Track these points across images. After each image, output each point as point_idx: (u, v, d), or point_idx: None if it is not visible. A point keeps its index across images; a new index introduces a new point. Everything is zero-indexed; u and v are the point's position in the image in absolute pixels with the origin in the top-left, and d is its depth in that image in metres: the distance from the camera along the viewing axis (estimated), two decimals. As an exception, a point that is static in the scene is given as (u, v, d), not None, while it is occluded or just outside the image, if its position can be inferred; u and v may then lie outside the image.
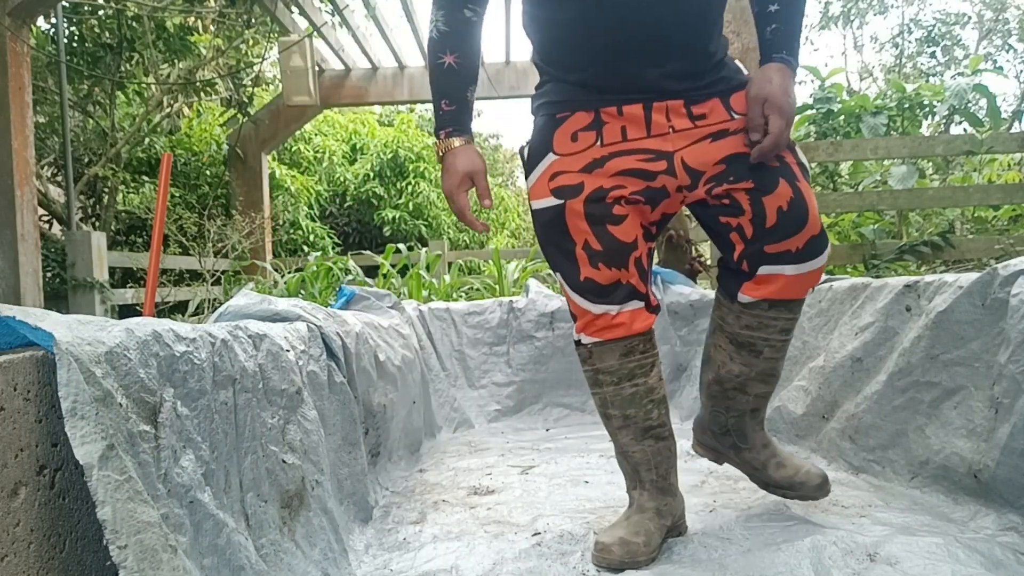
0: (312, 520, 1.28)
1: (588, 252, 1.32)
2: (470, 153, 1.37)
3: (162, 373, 0.90)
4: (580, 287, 1.34)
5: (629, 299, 1.34)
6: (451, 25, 1.35)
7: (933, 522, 1.43)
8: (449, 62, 1.35)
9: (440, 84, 1.37)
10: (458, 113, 1.37)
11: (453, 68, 1.35)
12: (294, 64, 5.75)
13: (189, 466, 0.91)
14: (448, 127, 1.37)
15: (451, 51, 1.35)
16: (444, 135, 1.37)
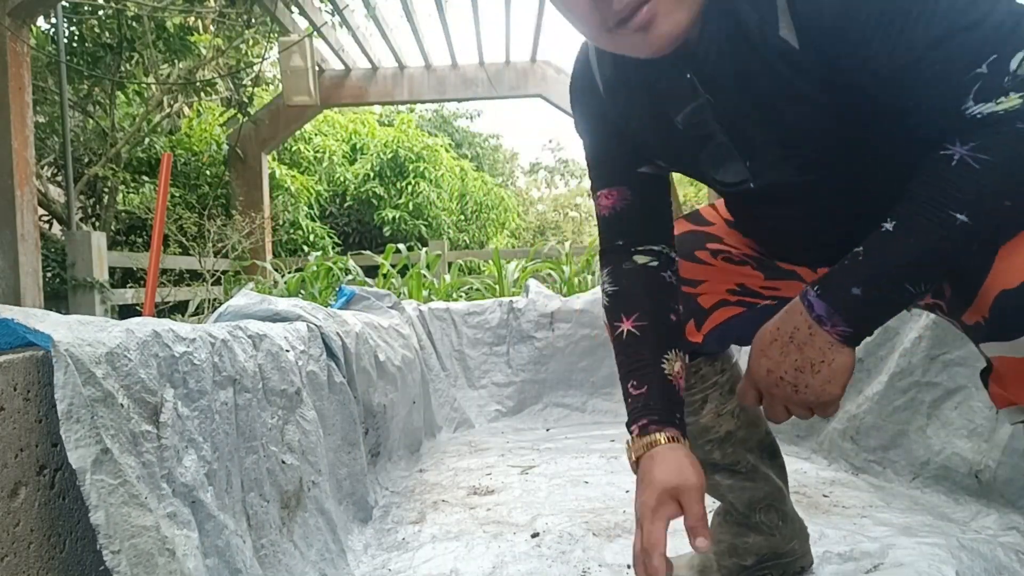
0: (308, 521, 1.28)
1: None
2: (678, 458, 0.89)
3: (162, 373, 0.90)
4: None
5: None
6: (619, 282, 1.01)
7: (934, 523, 1.43)
8: (627, 328, 0.98)
9: (623, 360, 0.99)
10: (653, 396, 0.94)
11: (634, 335, 0.97)
12: (294, 64, 5.75)
13: (192, 466, 0.91)
14: (641, 418, 0.93)
15: (627, 314, 0.99)
16: (637, 430, 0.93)
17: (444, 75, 6.85)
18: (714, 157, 0.89)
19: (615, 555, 1.38)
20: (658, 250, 1.01)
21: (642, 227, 1.01)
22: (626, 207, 1.01)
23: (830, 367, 0.79)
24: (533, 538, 1.49)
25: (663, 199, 1.03)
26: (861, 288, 0.76)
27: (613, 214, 1.01)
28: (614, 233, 1.02)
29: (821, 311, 0.78)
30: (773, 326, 0.83)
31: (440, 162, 10.09)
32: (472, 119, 14.74)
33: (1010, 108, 0.67)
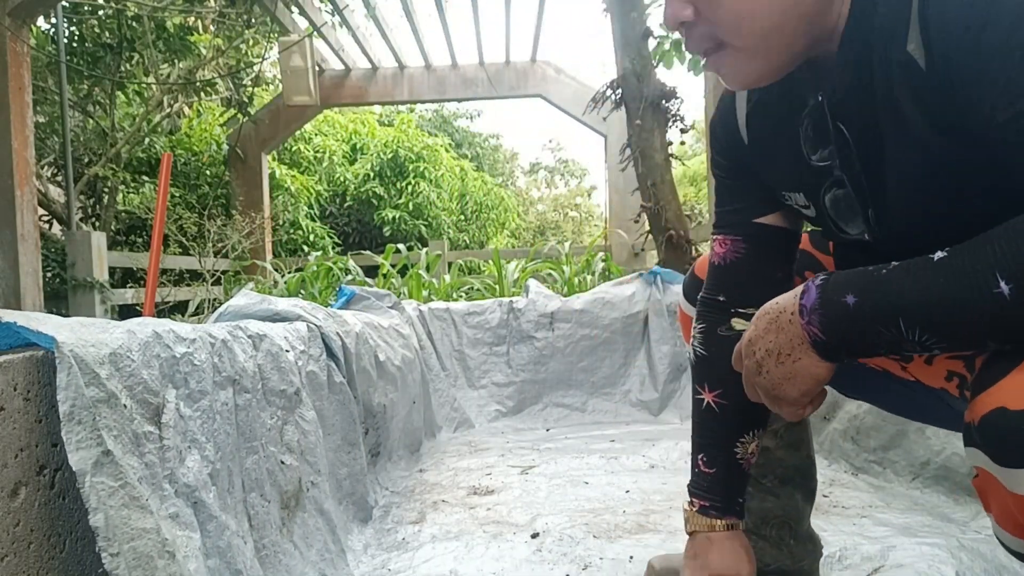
0: (308, 521, 1.28)
1: None
2: (734, 548, 0.91)
3: (164, 374, 0.90)
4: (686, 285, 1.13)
5: None
6: (710, 348, 0.95)
7: (934, 523, 1.43)
8: (709, 400, 0.95)
9: (699, 429, 0.96)
10: (720, 480, 0.93)
11: (713, 410, 0.94)
12: (294, 64, 5.75)
13: (194, 466, 0.91)
14: (704, 499, 0.93)
15: (711, 387, 0.94)
16: (698, 507, 0.94)
17: (444, 75, 6.85)
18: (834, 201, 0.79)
19: (615, 555, 1.39)
20: None
21: (748, 287, 0.93)
22: (737, 260, 0.94)
23: (793, 364, 0.71)
24: (533, 538, 1.49)
25: (780, 259, 0.94)
26: (856, 299, 0.66)
27: (723, 265, 0.95)
28: (718, 286, 0.96)
29: (808, 302, 0.70)
30: (774, 305, 0.74)
31: (440, 162, 10.09)
32: (472, 119, 14.74)
33: None
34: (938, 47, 0.63)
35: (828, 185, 0.79)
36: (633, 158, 3.73)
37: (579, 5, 31.35)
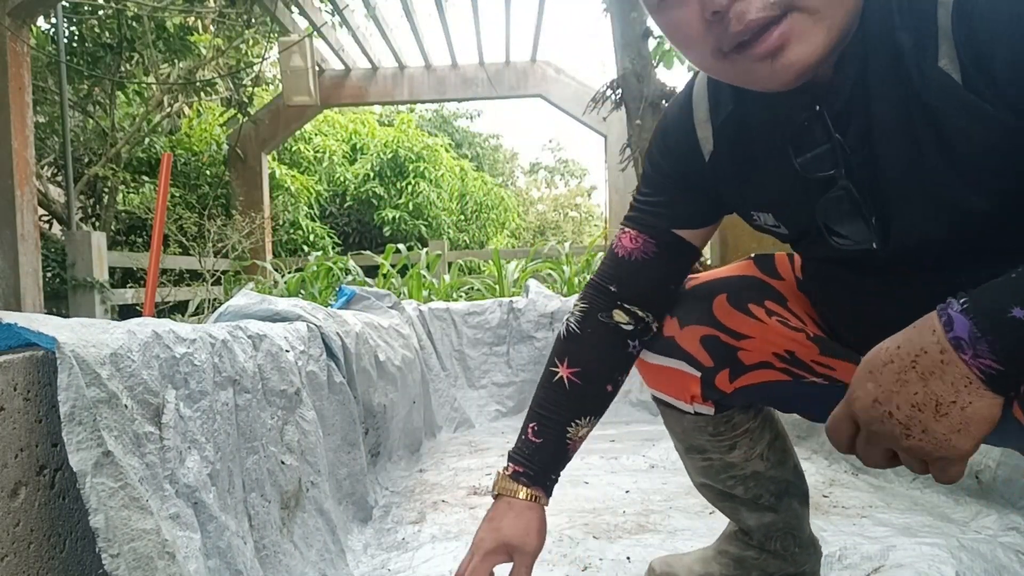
0: (308, 521, 1.28)
1: None
2: (528, 520, 0.92)
3: (164, 375, 0.90)
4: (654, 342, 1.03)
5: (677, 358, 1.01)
6: (584, 328, 0.97)
7: (934, 523, 1.43)
8: (562, 375, 0.96)
9: (538, 401, 0.97)
10: (542, 452, 0.95)
11: (563, 386, 0.96)
12: (294, 64, 5.75)
13: (195, 467, 0.91)
14: (520, 464, 0.95)
15: (570, 363, 0.96)
16: (510, 471, 0.96)
17: (444, 75, 6.85)
18: (832, 209, 0.75)
19: (616, 555, 1.39)
20: (641, 316, 0.97)
21: (642, 288, 0.96)
22: (641, 260, 0.95)
23: (962, 412, 0.57)
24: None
25: (682, 272, 0.98)
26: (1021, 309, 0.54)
27: (627, 259, 0.96)
28: (614, 277, 0.97)
29: (963, 332, 0.56)
30: (893, 343, 0.61)
31: (440, 162, 10.09)
32: (472, 119, 14.74)
33: None
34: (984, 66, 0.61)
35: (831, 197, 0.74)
36: (633, 158, 3.73)
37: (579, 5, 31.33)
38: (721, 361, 0.96)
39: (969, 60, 0.62)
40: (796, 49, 0.63)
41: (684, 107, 0.90)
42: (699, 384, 0.98)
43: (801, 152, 0.74)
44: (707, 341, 0.95)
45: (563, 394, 0.96)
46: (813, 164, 0.73)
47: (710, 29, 0.65)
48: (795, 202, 0.80)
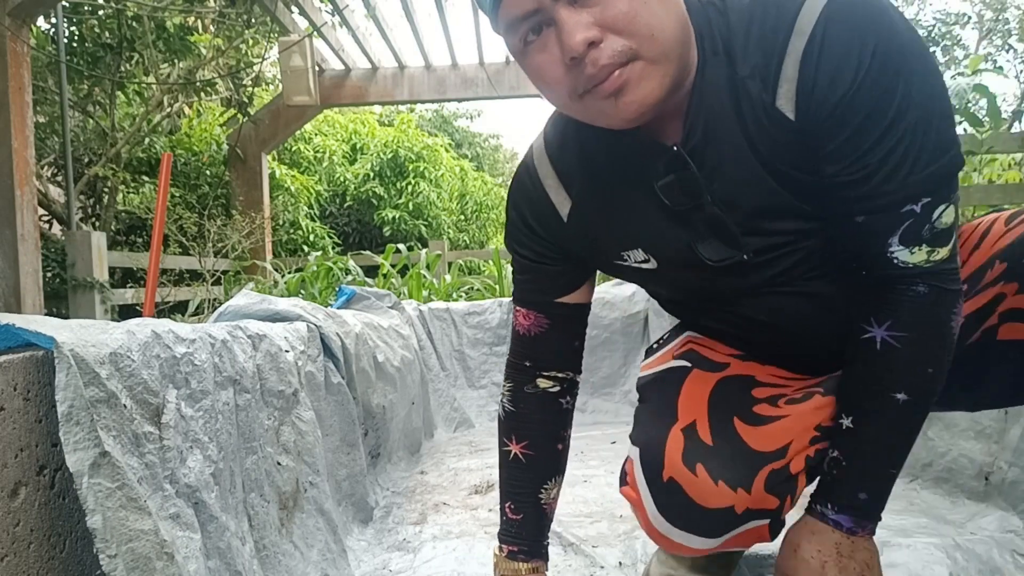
0: (307, 521, 1.28)
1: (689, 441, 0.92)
2: None
3: (164, 374, 0.90)
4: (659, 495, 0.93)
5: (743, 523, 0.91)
6: (517, 404, 1.03)
7: (931, 524, 1.43)
8: (515, 452, 1.02)
9: (505, 479, 1.04)
10: (526, 525, 1.01)
11: (520, 461, 1.02)
12: (294, 64, 5.75)
13: (196, 466, 0.91)
14: (512, 544, 1.01)
15: (518, 439, 1.02)
16: (506, 552, 1.02)
17: (444, 75, 6.85)
18: (700, 231, 0.85)
19: (617, 557, 1.39)
20: (562, 376, 1.03)
21: (552, 356, 1.03)
22: (540, 334, 1.01)
23: (875, 558, 0.86)
24: None
25: (578, 330, 1.04)
26: (865, 491, 0.84)
27: (527, 336, 1.02)
28: (524, 354, 1.03)
29: (849, 524, 0.84)
30: (812, 554, 0.84)
31: (440, 162, 10.09)
32: (472, 119, 14.74)
33: (917, 263, 0.76)
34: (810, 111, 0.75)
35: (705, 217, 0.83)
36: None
37: (579, 5, 31.04)
38: (782, 490, 0.90)
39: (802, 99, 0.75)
40: (635, 90, 0.73)
41: (532, 181, 0.96)
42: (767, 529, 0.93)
43: (667, 190, 0.83)
44: (770, 481, 0.88)
45: (522, 468, 1.02)
46: (679, 198, 0.83)
47: (568, 72, 0.73)
48: (662, 233, 0.87)
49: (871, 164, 0.73)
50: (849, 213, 0.77)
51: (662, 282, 0.97)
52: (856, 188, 0.75)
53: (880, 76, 0.71)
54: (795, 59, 0.74)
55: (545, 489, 1.02)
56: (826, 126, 0.74)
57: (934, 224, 0.75)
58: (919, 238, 0.75)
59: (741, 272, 0.87)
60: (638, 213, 0.88)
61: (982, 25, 15.49)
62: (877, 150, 0.73)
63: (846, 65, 0.72)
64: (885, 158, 0.73)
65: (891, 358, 0.79)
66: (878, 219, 0.76)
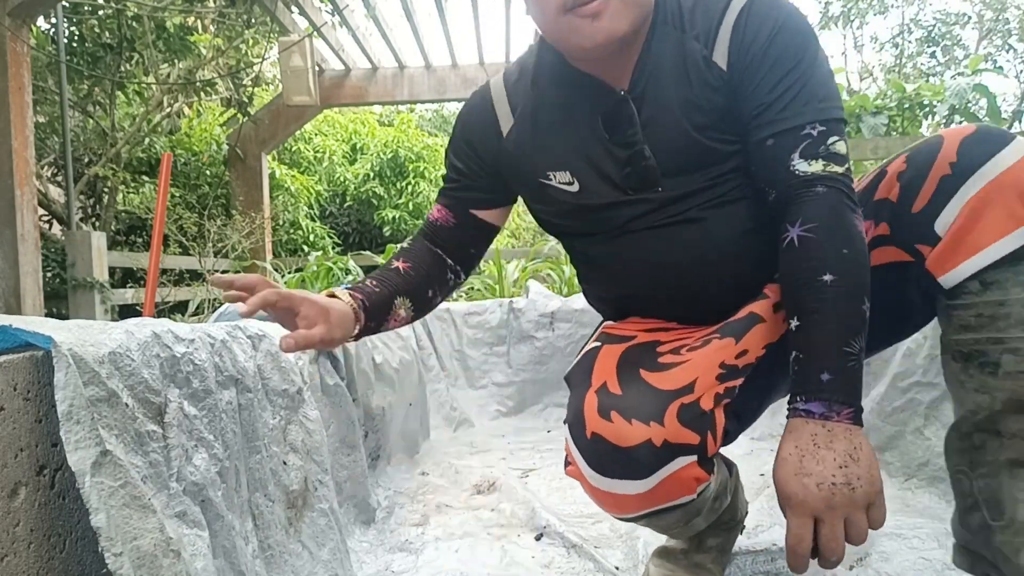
0: (318, 520, 1.28)
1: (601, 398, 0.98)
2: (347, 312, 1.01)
3: (165, 374, 0.90)
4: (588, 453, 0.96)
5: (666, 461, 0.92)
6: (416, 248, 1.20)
7: (925, 523, 1.43)
8: (400, 267, 1.15)
9: (379, 274, 1.14)
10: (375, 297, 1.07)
11: (399, 271, 1.14)
12: (294, 64, 5.75)
13: (202, 465, 0.91)
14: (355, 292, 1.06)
15: (406, 261, 1.16)
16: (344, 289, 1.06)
17: (444, 75, 6.84)
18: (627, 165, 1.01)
19: (619, 559, 1.39)
20: (454, 266, 1.21)
21: (451, 246, 1.20)
22: (446, 226, 1.19)
23: (864, 450, 0.83)
24: (537, 540, 1.48)
25: (477, 244, 1.22)
26: (826, 372, 0.85)
27: (435, 223, 1.20)
28: (429, 235, 1.21)
29: (821, 409, 0.84)
30: (790, 451, 0.85)
31: (440, 162, 10.08)
32: (472, 119, 14.70)
33: (815, 172, 0.91)
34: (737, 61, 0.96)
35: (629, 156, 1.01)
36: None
37: (579, 5, 31.06)
38: (699, 425, 0.93)
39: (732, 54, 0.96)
40: (609, 20, 0.92)
41: (484, 98, 1.14)
42: (697, 465, 0.94)
43: (609, 125, 1.01)
44: (682, 415, 0.92)
45: (399, 276, 1.14)
46: (618, 133, 1.01)
47: None
48: (592, 162, 1.03)
49: (779, 93, 0.93)
50: (763, 139, 0.94)
51: (575, 209, 1.08)
52: (768, 114, 0.94)
53: (786, 37, 0.94)
54: (728, 25, 0.96)
55: (401, 299, 1.12)
56: (748, 70, 0.95)
57: (828, 147, 0.92)
58: (816, 154, 0.92)
59: (652, 204, 1.02)
60: (575, 140, 1.04)
61: (982, 25, 15.48)
62: (783, 83, 0.93)
63: (764, 28, 0.95)
64: (789, 89, 0.93)
65: (808, 248, 0.89)
66: (783, 138, 0.93)
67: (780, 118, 0.93)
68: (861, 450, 0.83)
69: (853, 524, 0.82)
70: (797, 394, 0.87)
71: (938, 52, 14.03)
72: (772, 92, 0.94)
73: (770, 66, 0.94)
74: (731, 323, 1.01)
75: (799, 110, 0.92)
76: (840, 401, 0.84)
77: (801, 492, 0.82)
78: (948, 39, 14.22)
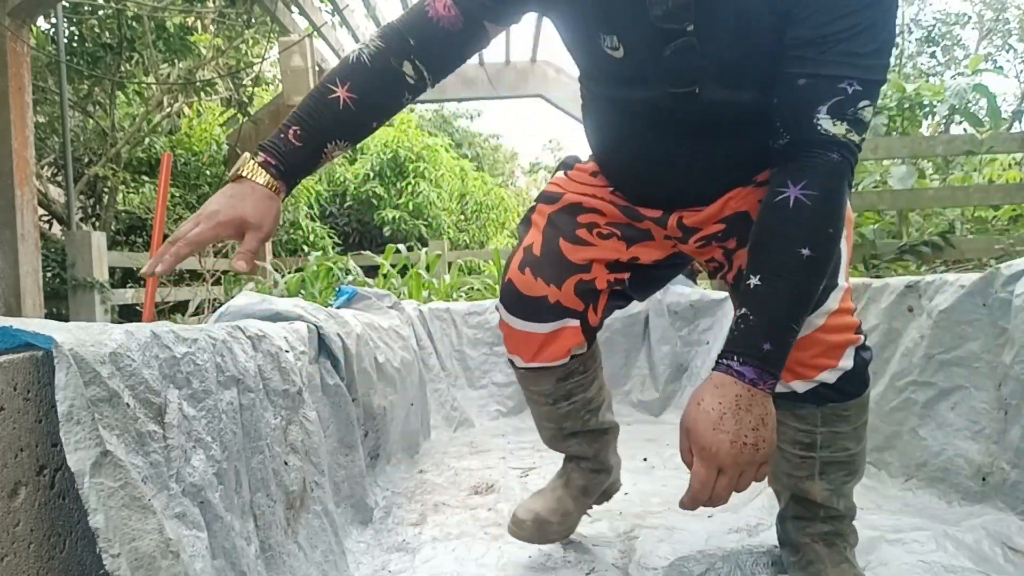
0: (312, 522, 1.28)
1: (525, 254, 1.19)
2: (269, 205, 0.96)
3: (165, 374, 0.90)
4: (503, 294, 1.20)
5: (559, 317, 1.17)
6: (375, 62, 1.02)
7: (924, 523, 1.43)
8: (341, 96, 0.99)
9: (306, 110, 1.00)
10: (298, 155, 0.98)
11: (337, 104, 0.99)
12: (294, 64, 5.75)
13: (200, 466, 0.91)
14: (275, 158, 0.98)
15: (351, 88, 0.99)
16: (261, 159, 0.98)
17: (444, 75, 6.84)
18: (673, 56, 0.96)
19: (618, 557, 1.39)
20: (424, 75, 1.04)
21: (437, 51, 1.04)
22: (447, 30, 1.02)
23: (771, 417, 0.92)
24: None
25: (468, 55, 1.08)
26: (770, 342, 0.90)
27: (434, 22, 1.02)
28: (417, 33, 1.02)
29: (752, 375, 0.90)
30: (712, 405, 0.90)
31: (440, 162, 10.09)
32: (472, 119, 14.74)
33: (836, 134, 0.89)
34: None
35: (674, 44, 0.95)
36: (633, 158, 3.72)
37: (579, 5, 31.05)
38: (586, 297, 1.16)
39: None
40: None
41: None
42: (580, 331, 1.17)
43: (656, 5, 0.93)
44: (577, 288, 1.15)
45: (335, 113, 0.99)
46: (667, 16, 0.93)
47: None
48: (642, 35, 0.97)
49: (830, 33, 0.86)
50: (796, 75, 0.89)
51: (615, 71, 1.04)
52: (811, 48, 0.88)
53: None
54: None
55: (335, 143, 1.01)
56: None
57: (857, 110, 0.89)
58: (843, 115, 0.88)
59: (683, 99, 0.99)
60: (631, 5, 0.95)
61: (982, 25, 15.48)
62: (838, 24, 0.86)
63: None
64: (841, 33, 0.86)
65: (802, 215, 0.90)
66: (817, 83, 0.88)
67: (821, 59, 0.87)
68: (770, 416, 0.92)
69: (745, 479, 0.93)
70: (734, 352, 0.91)
71: (938, 52, 14.02)
72: (824, 27, 0.86)
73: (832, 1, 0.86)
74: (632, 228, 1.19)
75: (844, 59, 0.86)
76: (770, 372, 0.90)
77: (715, 445, 0.90)
78: (948, 39, 14.21)
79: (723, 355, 0.92)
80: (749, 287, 0.92)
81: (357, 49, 1.03)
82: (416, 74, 1.03)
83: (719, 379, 0.91)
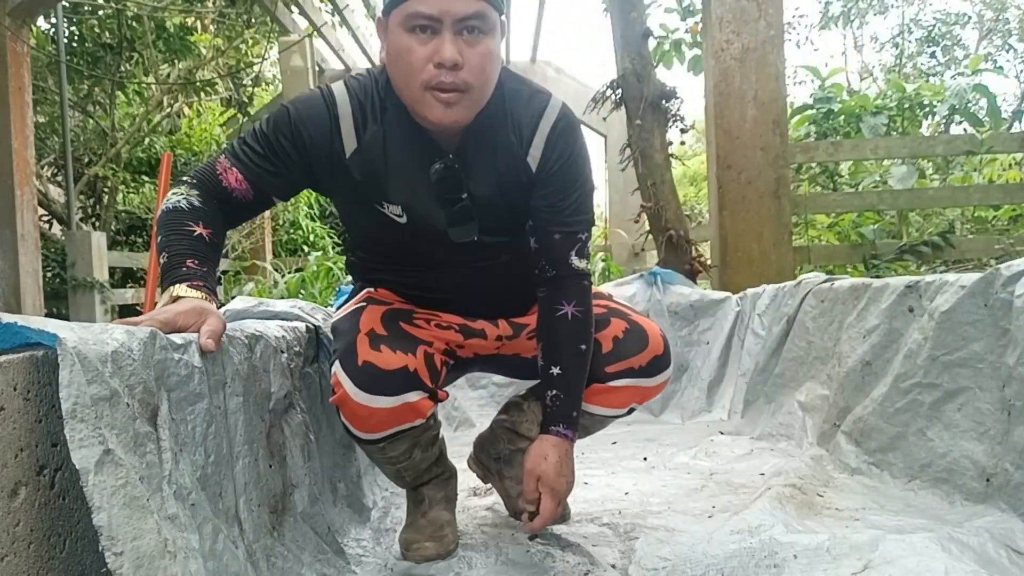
0: (297, 525, 1.28)
1: (371, 338, 1.25)
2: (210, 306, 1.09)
3: (159, 376, 0.90)
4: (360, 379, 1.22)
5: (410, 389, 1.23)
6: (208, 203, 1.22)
7: (927, 524, 1.42)
8: (202, 233, 1.18)
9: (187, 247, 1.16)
10: (208, 276, 1.15)
11: (204, 239, 1.18)
12: (294, 64, 5.75)
13: (188, 469, 0.91)
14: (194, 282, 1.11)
15: (205, 225, 1.19)
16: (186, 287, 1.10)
17: (444, 75, 6.84)
18: (455, 216, 1.26)
19: (617, 558, 1.39)
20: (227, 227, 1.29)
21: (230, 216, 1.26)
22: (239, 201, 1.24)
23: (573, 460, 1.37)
24: (531, 540, 1.48)
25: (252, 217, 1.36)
26: (575, 410, 1.35)
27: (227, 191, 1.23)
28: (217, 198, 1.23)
29: (570, 433, 1.34)
30: (554, 458, 1.31)
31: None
32: (472, 119, 14.69)
33: (582, 268, 1.33)
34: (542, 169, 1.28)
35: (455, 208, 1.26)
36: (633, 158, 3.73)
37: (579, 5, 31.26)
38: (432, 372, 1.29)
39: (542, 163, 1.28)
40: (459, 110, 1.16)
41: (327, 115, 1.22)
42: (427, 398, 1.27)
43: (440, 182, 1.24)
44: (425, 358, 1.28)
45: (206, 245, 1.19)
46: (447, 188, 1.25)
47: (429, 69, 1.12)
48: (423, 204, 1.27)
49: (567, 204, 1.30)
50: (552, 231, 1.30)
51: (396, 234, 1.32)
52: (556, 217, 1.30)
53: (579, 161, 1.31)
54: (543, 135, 1.27)
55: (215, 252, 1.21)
56: (551, 177, 1.28)
57: (586, 249, 1.34)
58: (584, 254, 1.33)
59: (465, 248, 1.30)
60: (410, 183, 1.25)
61: (982, 25, 15.47)
62: (572, 196, 1.30)
63: (567, 150, 1.28)
64: (574, 204, 1.30)
65: (577, 323, 1.33)
66: (566, 237, 1.30)
67: (567, 221, 1.30)
68: (573, 460, 1.36)
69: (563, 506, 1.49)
70: (559, 420, 1.33)
71: (938, 52, 14.02)
72: (563, 200, 1.29)
73: (566, 180, 1.29)
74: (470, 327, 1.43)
75: (577, 219, 1.31)
76: (576, 429, 1.35)
77: (560, 486, 1.32)
78: (948, 39, 14.21)
79: (550, 423, 1.33)
80: (552, 374, 1.33)
81: (184, 196, 1.22)
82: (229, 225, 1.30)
83: (554, 441, 1.32)
